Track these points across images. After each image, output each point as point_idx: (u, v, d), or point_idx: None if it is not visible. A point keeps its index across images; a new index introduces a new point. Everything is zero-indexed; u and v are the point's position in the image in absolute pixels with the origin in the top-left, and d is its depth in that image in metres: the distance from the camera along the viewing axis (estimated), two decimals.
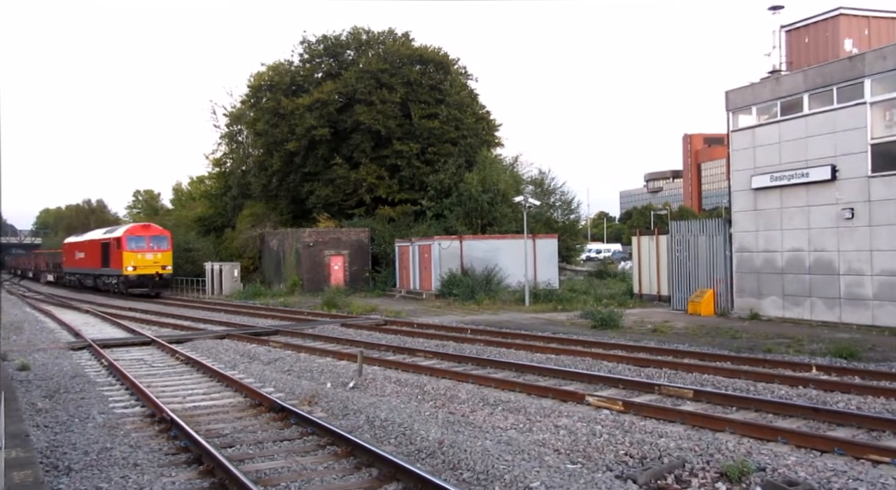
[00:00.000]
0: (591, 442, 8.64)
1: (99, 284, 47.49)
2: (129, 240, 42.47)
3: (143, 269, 42.03)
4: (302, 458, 8.46)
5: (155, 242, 42.93)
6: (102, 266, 45.52)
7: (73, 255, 53.88)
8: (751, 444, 8.40)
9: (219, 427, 10.04)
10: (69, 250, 55.24)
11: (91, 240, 49.51)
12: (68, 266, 55.68)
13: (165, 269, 42.82)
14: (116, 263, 43.00)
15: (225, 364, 15.79)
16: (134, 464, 8.25)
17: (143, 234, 43.14)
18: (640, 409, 10.33)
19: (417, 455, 8.43)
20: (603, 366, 14.12)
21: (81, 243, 51.77)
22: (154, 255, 42.41)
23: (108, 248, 44.31)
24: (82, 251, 50.83)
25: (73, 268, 54.26)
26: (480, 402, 11.08)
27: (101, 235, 47.79)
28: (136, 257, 42.06)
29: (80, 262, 51.21)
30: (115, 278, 43.74)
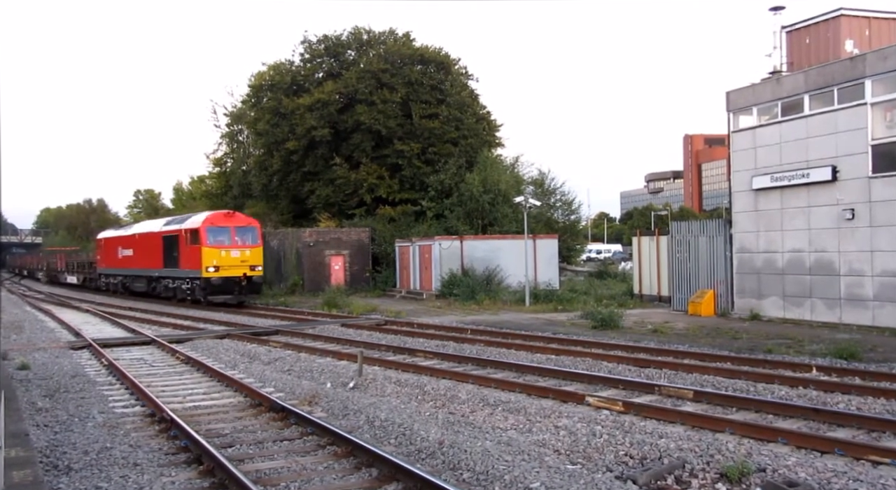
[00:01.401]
0: (591, 442, 8.64)
1: (159, 290, 37.01)
2: (209, 232, 32.19)
3: (228, 271, 31.87)
4: (302, 458, 8.45)
5: (242, 235, 33.00)
6: (166, 266, 35.71)
7: (112, 252, 43.63)
8: (751, 445, 8.39)
9: (219, 427, 10.04)
10: (108, 247, 44.66)
11: (146, 233, 39.10)
12: (105, 266, 45.09)
13: (255, 271, 32.65)
14: (191, 262, 32.79)
15: (225, 364, 15.79)
16: (134, 463, 8.25)
17: (227, 225, 32.81)
18: (640, 410, 10.33)
19: (417, 455, 8.43)
20: (603, 366, 14.11)
21: (128, 238, 41.53)
22: (241, 251, 32.39)
23: (177, 242, 34.23)
24: (129, 247, 40.75)
25: (112, 268, 43.79)
26: (480, 402, 11.07)
27: (161, 227, 37.56)
28: (218, 255, 31.86)
29: (126, 261, 41.27)
30: (189, 282, 33.48)
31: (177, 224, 35.65)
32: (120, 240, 42.89)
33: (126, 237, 41.94)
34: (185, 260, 33.50)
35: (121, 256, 41.99)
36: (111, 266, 44.07)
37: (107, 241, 45.49)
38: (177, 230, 34.70)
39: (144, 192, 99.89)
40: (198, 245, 32.11)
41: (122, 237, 42.78)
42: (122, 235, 43.05)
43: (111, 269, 44.16)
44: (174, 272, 34.90)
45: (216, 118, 54.53)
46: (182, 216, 38.83)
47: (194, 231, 32.66)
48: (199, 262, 31.95)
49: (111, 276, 44.54)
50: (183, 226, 34.25)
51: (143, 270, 38.84)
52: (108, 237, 45.77)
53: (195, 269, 32.36)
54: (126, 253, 41.16)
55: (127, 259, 41.19)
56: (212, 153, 56.12)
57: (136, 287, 40.22)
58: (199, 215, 35.35)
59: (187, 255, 33.11)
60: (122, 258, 41.95)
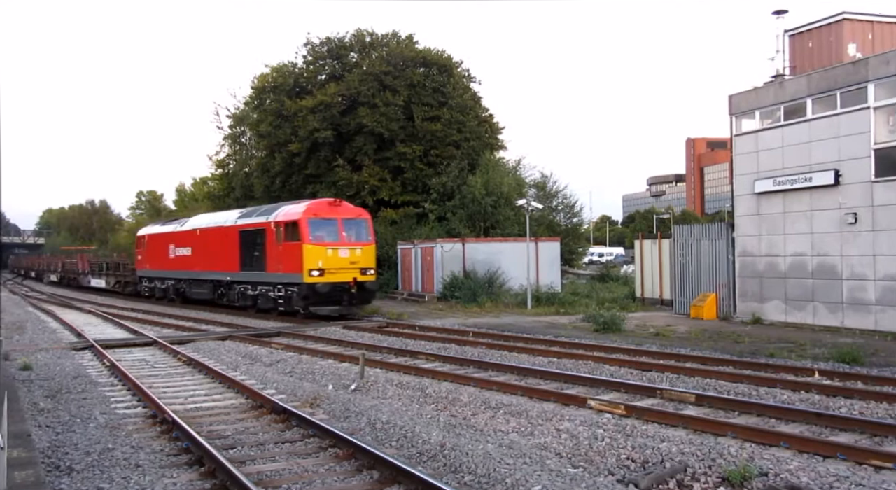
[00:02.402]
0: (592, 446, 8.63)
1: (231, 297, 29.43)
2: (312, 225, 25.14)
3: (336, 275, 24.79)
4: (303, 460, 8.45)
5: (351, 230, 26.02)
6: (244, 268, 28.19)
7: (159, 251, 36.01)
8: (753, 449, 8.39)
9: (220, 428, 10.04)
10: (153, 245, 37.13)
11: (213, 227, 31.17)
12: (150, 267, 37.59)
13: (367, 275, 25.50)
14: (285, 264, 25.54)
15: (227, 365, 15.80)
16: (135, 465, 8.26)
17: (333, 216, 25.82)
18: (642, 414, 10.32)
19: (419, 458, 8.43)
20: (605, 369, 14.10)
21: (185, 234, 33.47)
22: (350, 250, 25.24)
23: (262, 238, 26.95)
24: (186, 245, 33.20)
25: (160, 271, 36.23)
26: (482, 405, 11.07)
27: (237, 220, 29.56)
28: (323, 254, 24.80)
29: (181, 262, 33.58)
30: (282, 289, 25.91)
31: (261, 216, 28.07)
32: (171, 236, 34.93)
33: (181, 233, 34.03)
34: (275, 261, 26.16)
35: (173, 257, 34.40)
36: (158, 268, 36.43)
37: (152, 238, 37.73)
38: (262, 223, 27.30)
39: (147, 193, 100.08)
40: (297, 242, 24.88)
41: (174, 233, 34.87)
42: (174, 231, 35.03)
43: (158, 271, 36.57)
44: (257, 276, 27.32)
45: (219, 120, 54.41)
46: (266, 206, 30.40)
47: (292, 224, 25.29)
48: (300, 263, 24.58)
49: (158, 280, 36.62)
50: (272, 217, 26.70)
51: (208, 273, 30.92)
52: (153, 233, 38.09)
53: (293, 272, 24.99)
54: (181, 252, 33.64)
55: (182, 260, 33.47)
56: (214, 155, 56.03)
57: (196, 294, 32.53)
58: (294, 205, 27.29)
59: (280, 254, 25.79)
60: (174, 259, 34.32)
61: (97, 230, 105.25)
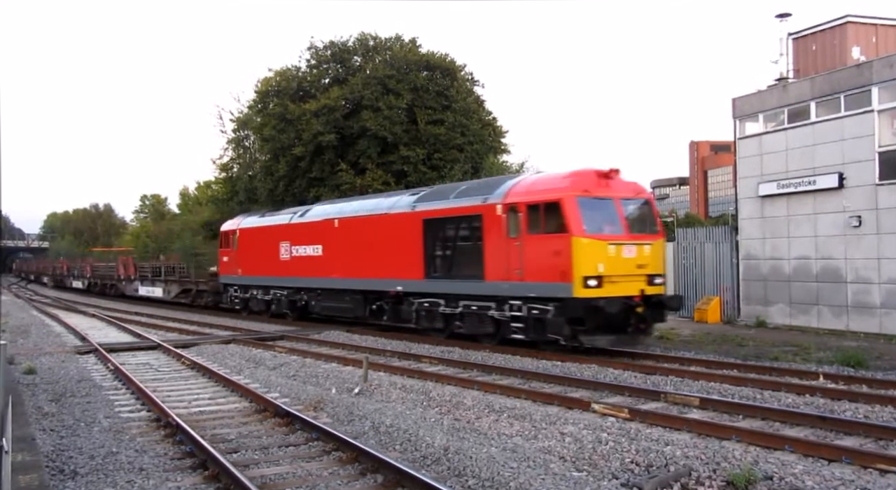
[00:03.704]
0: (596, 449, 8.62)
1: (403, 316, 20.76)
2: (584, 207, 16.14)
3: (619, 285, 15.99)
4: (307, 464, 8.45)
5: (632, 215, 17.24)
6: (432, 275, 19.44)
7: (263, 251, 27.35)
8: (757, 453, 8.36)
9: (224, 432, 10.05)
10: (253, 242, 28.21)
11: (368, 216, 22.07)
12: (246, 273, 28.58)
13: (656, 285, 16.73)
14: (537, 268, 16.50)
15: (230, 369, 15.81)
16: (139, 468, 8.27)
17: (608, 195, 16.78)
18: (645, 417, 10.30)
19: (423, 461, 8.42)
20: (609, 373, 14.08)
21: (312, 227, 24.74)
22: (639, 248, 16.60)
23: (474, 229, 18.19)
24: (315, 242, 24.40)
25: (264, 277, 27.42)
26: (486, 408, 11.06)
27: (416, 203, 20.46)
28: (604, 254, 15.95)
29: (306, 265, 24.79)
30: (524, 308, 16.87)
31: (469, 196, 18.45)
32: (284, 231, 26.18)
33: (302, 226, 25.24)
34: (503, 263, 17.02)
35: (287, 258, 25.79)
36: (259, 273, 27.63)
37: (248, 234, 28.66)
38: (473, 207, 18.00)
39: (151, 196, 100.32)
40: (560, 234, 15.75)
41: (289, 227, 26.00)
42: (289, 224, 26.11)
43: (259, 278, 27.70)
44: (460, 286, 18.37)
45: (222, 124, 54.42)
46: (473, 183, 20.58)
47: (547, 206, 16.17)
48: (566, 266, 15.58)
49: (258, 290, 27.91)
50: (499, 197, 17.39)
51: (356, 282, 22.25)
52: (250, 228, 28.68)
53: (550, 280, 15.91)
54: (302, 252, 25.03)
55: (305, 262, 24.78)
56: (218, 158, 56.03)
57: (330, 309, 23.94)
58: (537, 177, 18.33)
59: (516, 253, 16.66)
60: (290, 261, 25.68)
61: (101, 234, 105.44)
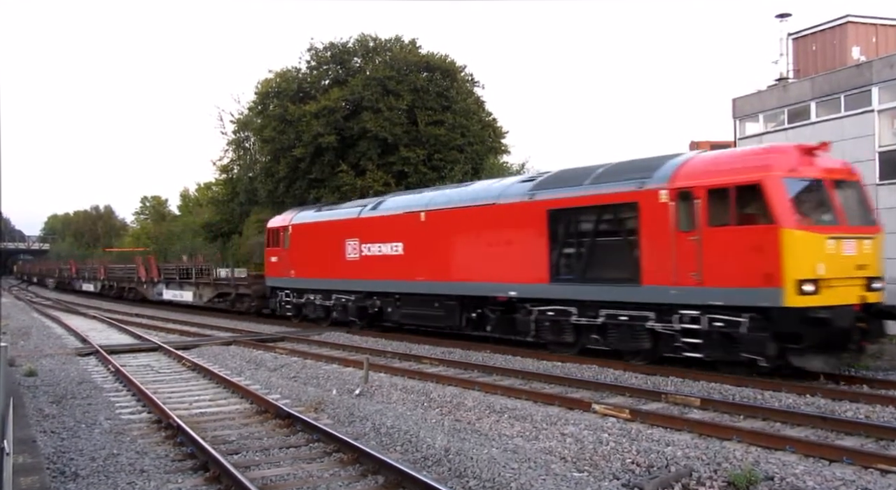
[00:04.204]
0: (597, 450, 8.62)
1: (520, 327, 17.06)
2: (791, 189, 12.30)
3: (837, 291, 12.03)
4: (308, 465, 8.45)
5: (850, 207, 13.01)
6: (559, 278, 15.89)
7: (323, 249, 23.62)
8: (758, 453, 8.36)
9: (225, 433, 10.05)
10: (310, 240, 24.56)
11: (466, 207, 18.52)
12: (301, 274, 24.88)
13: (874, 291, 12.59)
14: (727, 269, 12.58)
15: (231, 370, 15.82)
16: (140, 470, 8.27)
17: (818, 177, 12.78)
18: (646, 418, 10.30)
19: (424, 462, 8.42)
20: (609, 373, 14.07)
21: (388, 221, 21.17)
22: (858, 243, 12.48)
23: (625, 221, 14.59)
24: (392, 239, 20.83)
25: (324, 280, 23.78)
26: (487, 409, 11.06)
27: (533, 191, 16.81)
28: (822, 250, 11.94)
29: (381, 266, 21.20)
30: (705, 320, 13.06)
31: (618, 181, 14.88)
32: (349, 226, 22.36)
33: (374, 220, 21.39)
34: (681, 262, 13.43)
35: (355, 257, 22.00)
36: (318, 275, 23.85)
37: (303, 230, 24.85)
38: (624, 193, 14.54)
39: (151, 198, 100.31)
40: (767, 225, 12.27)
41: (356, 221, 22.17)
42: (356, 219, 22.25)
43: (318, 280, 23.97)
44: (605, 292, 15.06)
45: (222, 125, 54.45)
46: (624, 163, 15.70)
47: (746, 188, 12.62)
48: (774, 266, 12.10)
49: (315, 294, 24.14)
50: (663, 180, 13.89)
51: (448, 285, 18.66)
52: (306, 224, 24.86)
53: (753, 285, 12.39)
54: (375, 250, 21.16)
55: (378, 262, 20.99)
56: (218, 160, 56.11)
57: (412, 317, 20.36)
58: (727, 153, 15.35)
59: (706, 250, 13.05)
60: (358, 261, 21.88)
61: (102, 236, 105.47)
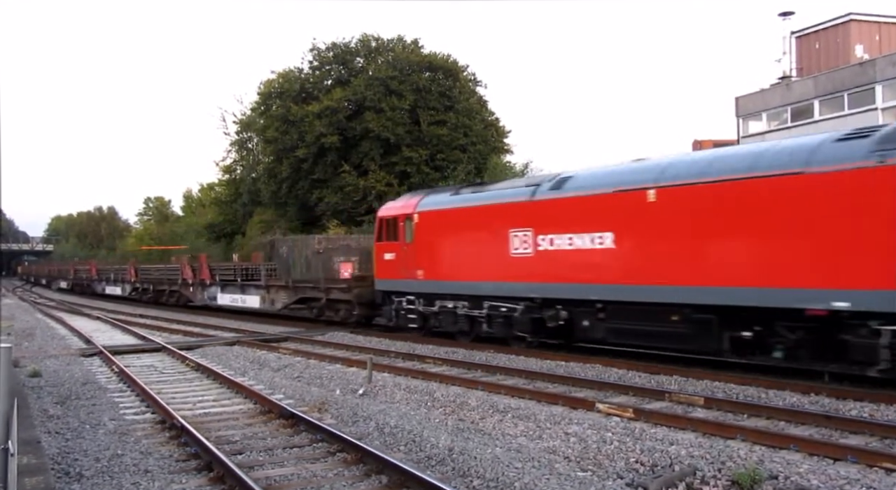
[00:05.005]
0: (601, 449, 8.61)
1: (856, 354, 11.08)
2: None
3: None
4: (311, 465, 8.46)
5: None
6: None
7: (464, 244, 18.68)
8: (763, 452, 8.35)
9: (229, 434, 10.06)
10: (445, 232, 19.31)
11: (757, 177, 11.96)
12: (431, 276, 19.57)
13: None
14: None
15: (235, 371, 15.83)
16: (145, 470, 8.29)
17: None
18: (650, 417, 10.29)
19: (427, 462, 8.43)
20: (613, 372, 14.06)
21: (578, 203, 15.34)
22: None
23: None
24: (590, 228, 15.01)
25: (466, 283, 18.44)
26: (490, 409, 11.06)
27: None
28: None
29: (566, 265, 15.61)
30: None
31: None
32: (522, 212, 16.89)
33: (562, 203, 15.93)
34: None
35: (529, 253, 16.64)
36: (470, 277, 18.41)
37: (434, 219, 19.64)
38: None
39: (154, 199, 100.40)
40: None
41: (531, 206, 16.64)
42: (531, 202, 16.68)
43: (471, 283, 18.38)
44: None
45: (225, 126, 54.66)
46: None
47: None
48: None
49: (454, 301, 19.01)
50: None
51: (701, 292, 13.19)
52: (447, 210, 19.36)
53: None
54: (566, 244, 15.74)
55: (570, 260, 15.66)
56: (221, 161, 56.30)
57: (630, 333, 14.83)
58: None
59: None
60: (533, 258, 16.55)
61: (105, 237, 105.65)
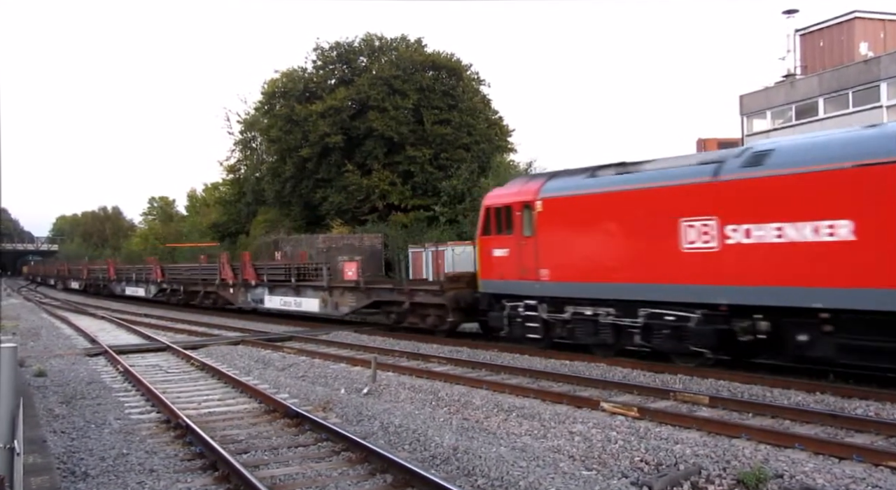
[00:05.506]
0: (606, 448, 8.61)
1: None
2: None
3: None
4: (316, 464, 8.47)
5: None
6: None
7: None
8: (768, 451, 8.34)
9: (234, 433, 10.08)
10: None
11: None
12: (558, 276, 15.92)
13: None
14: None
15: (240, 370, 15.85)
16: (150, 469, 8.30)
17: None
18: (655, 416, 10.28)
19: (432, 461, 8.43)
20: (617, 371, 14.05)
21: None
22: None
23: None
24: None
25: (611, 285, 14.73)
26: (495, 408, 11.06)
27: None
28: None
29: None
30: None
31: None
32: (696, 196, 13.23)
33: (750, 185, 12.43)
34: None
35: (708, 248, 13.03)
36: (612, 278, 14.87)
37: (574, 206, 15.83)
38: None
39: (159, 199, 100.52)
40: None
41: (712, 188, 12.95)
42: (713, 183, 12.94)
43: (614, 285, 14.81)
44: None
45: (229, 125, 54.72)
46: None
47: None
48: None
49: (616, 308, 14.92)
50: None
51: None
52: (581, 196, 15.68)
53: None
54: (764, 235, 12.25)
55: (762, 257, 12.30)
56: (225, 160, 56.36)
57: (835, 350, 11.57)
58: None
59: None
60: (711, 255, 12.99)
61: (110, 236, 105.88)
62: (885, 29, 24.10)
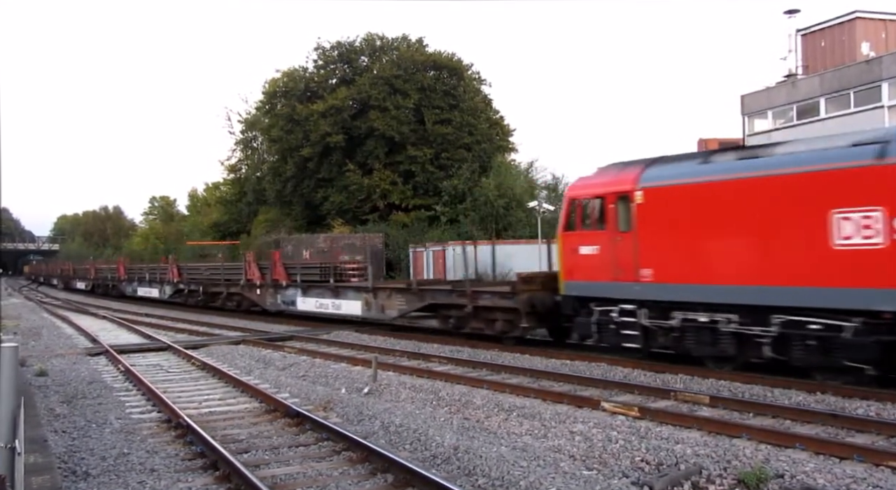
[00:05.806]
0: (606, 448, 8.61)
1: None
2: None
3: None
4: (317, 464, 8.47)
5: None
6: None
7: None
8: (768, 451, 8.34)
9: (234, 432, 10.08)
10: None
11: None
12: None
13: None
14: None
15: (240, 369, 15.86)
16: (151, 469, 8.31)
17: None
18: (655, 415, 10.28)
19: (433, 461, 8.43)
20: (618, 371, 14.05)
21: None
22: None
23: None
24: None
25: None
26: (495, 407, 11.06)
27: None
28: None
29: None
30: None
31: None
32: (849, 181, 11.19)
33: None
34: None
35: (875, 244, 10.92)
36: (739, 279, 12.62)
37: (683, 197, 13.55)
38: None
39: (160, 198, 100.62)
40: None
41: (863, 173, 11.02)
42: (865, 167, 11.00)
43: (742, 288, 12.56)
44: None
45: (230, 125, 54.83)
46: None
47: None
48: None
49: (739, 316, 12.69)
50: None
51: None
52: (693, 184, 13.42)
53: None
54: None
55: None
56: (226, 160, 56.47)
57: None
58: None
59: None
60: (879, 252, 10.88)
61: (111, 236, 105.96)
62: (886, 29, 24.09)
